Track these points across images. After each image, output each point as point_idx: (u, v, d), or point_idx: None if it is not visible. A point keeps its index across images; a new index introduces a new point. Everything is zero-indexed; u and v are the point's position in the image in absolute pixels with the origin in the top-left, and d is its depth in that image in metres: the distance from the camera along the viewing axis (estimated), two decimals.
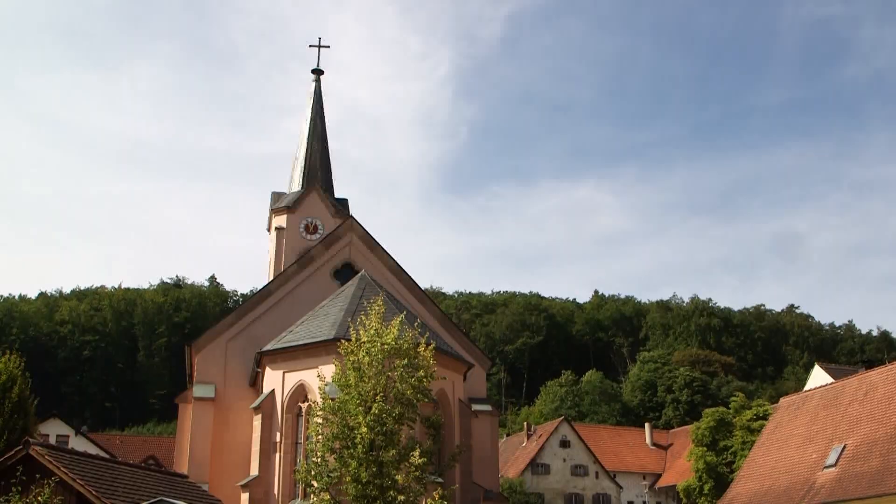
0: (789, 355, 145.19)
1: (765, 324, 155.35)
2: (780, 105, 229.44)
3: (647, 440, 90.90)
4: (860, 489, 29.50)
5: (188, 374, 38.68)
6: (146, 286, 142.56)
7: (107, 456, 37.94)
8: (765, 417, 47.95)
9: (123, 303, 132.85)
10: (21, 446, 16.53)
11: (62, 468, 15.91)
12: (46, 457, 16.17)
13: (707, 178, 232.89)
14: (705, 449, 55.58)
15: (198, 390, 35.81)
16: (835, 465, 31.99)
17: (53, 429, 57.79)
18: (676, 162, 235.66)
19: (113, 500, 15.85)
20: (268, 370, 32.49)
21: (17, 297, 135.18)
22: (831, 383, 42.16)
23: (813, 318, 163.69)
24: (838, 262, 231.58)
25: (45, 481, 14.54)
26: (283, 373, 31.67)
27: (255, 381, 34.68)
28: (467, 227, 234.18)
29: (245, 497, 30.45)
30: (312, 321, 32.71)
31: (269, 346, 32.80)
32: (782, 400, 43.12)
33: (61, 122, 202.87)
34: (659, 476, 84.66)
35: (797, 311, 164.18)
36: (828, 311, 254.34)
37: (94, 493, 15.74)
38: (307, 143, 51.23)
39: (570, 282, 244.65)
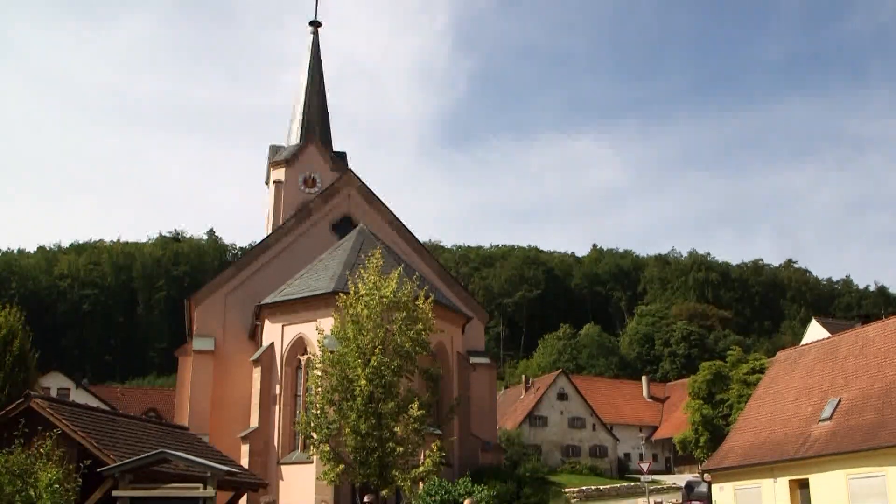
0: (786, 310, 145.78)
1: (762, 278, 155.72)
2: (781, 60, 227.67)
3: (644, 393, 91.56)
4: (854, 442, 29.75)
5: (187, 327, 38.83)
6: (145, 240, 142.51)
7: (107, 408, 38.18)
8: (761, 371, 48.24)
9: (122, 256, 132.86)
10: (22, 399, 16.60)
11: (63, 420, 15.99)
12: (48, 409, 16.25)
13: (707, 133, 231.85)
14: (702, 402, 55.99)
15: (197, 343, 35.98)
16: (830, 418, 32.23)
17: (54, 382, 58.17)
18: (676, 116, 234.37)
19: (114, 451, 15.95)
20: (267, 323, 32.58)
21: (15, 252, 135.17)
22: (828, 338, 42.32)
23: (811, 273, 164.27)
24: (837, 218, 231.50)
25: (47, 434, 14.61)
26: (283, 326, 31.78)
27: (255, 334, 34.82)
28: (466, 180, 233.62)
29: (245, 448, 30.71)
30: (311, 274, 32.75)
31: (267, 300, 32.87)
32: (779, 354, 43.33)
33: (56, 76, 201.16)
34: (655, 428, 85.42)
35: (795, 265, 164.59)
36: (825, 267, 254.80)
37: (95, 444, 15.83)
38: (305, 96, 50.91)
39: (568, 236, 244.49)
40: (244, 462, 28.73)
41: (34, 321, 36.82)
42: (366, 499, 14.04)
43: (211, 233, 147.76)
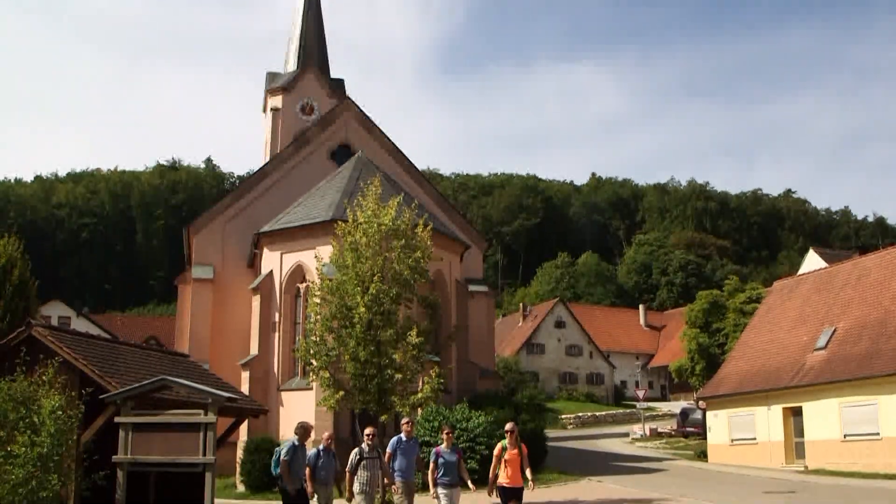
0: (784, 240, 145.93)
1: (761, 208, 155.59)
2: None
3: (641, 321, 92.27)
4: (848, 371, 30.05)
5: (186, 255, 38.85)
6: (142, 168, 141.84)
7: (108, 337, 38.42)
8: (758, 300, 48.41)
9: (120, 185, 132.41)
10: (23, 327, 16.64)
11: (65, 348, 16.04)
12: (49, 337, 16.30)
13: (708, 61, 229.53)
14: (698, 330, 56.29)
15: (196, 272, 36.04)
16: (824, 347, 32.49)
17: (55, 310, 58.53)
18: (677, 44, 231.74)
19: (115, 378, 16.06)
20: (265, 251, 32.60)
21: (12, 181, 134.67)
22: (825, 268, 42.45)
23: (809, 203, 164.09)
24: (837, 148, 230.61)
25: (49, 361, 14.70)
26: (281, 254, 31.80)
27: (253, 262, 34.87)
28: (464, 108, 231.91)
29: (245, 375, 30.97)
30: (309, 202, 32.66)
31: (266, 228, 32.83)
32: (776, 283, 43.50)
33: (50, 1, 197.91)
34: (651, 356, 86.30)
35: (794, 195, 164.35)
36: (824, 197, 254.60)
37: (96, 372, 15.93)
38: (302, 20, 50.16)
39: (567, 164, 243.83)
40: (244, 389, 29.01)
41: (33, 251, 36.79)
42: (367, 431, 14.16)
43: (209, 161, 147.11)
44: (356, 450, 14.40)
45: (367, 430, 14.30)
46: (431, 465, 13.76)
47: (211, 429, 14.82)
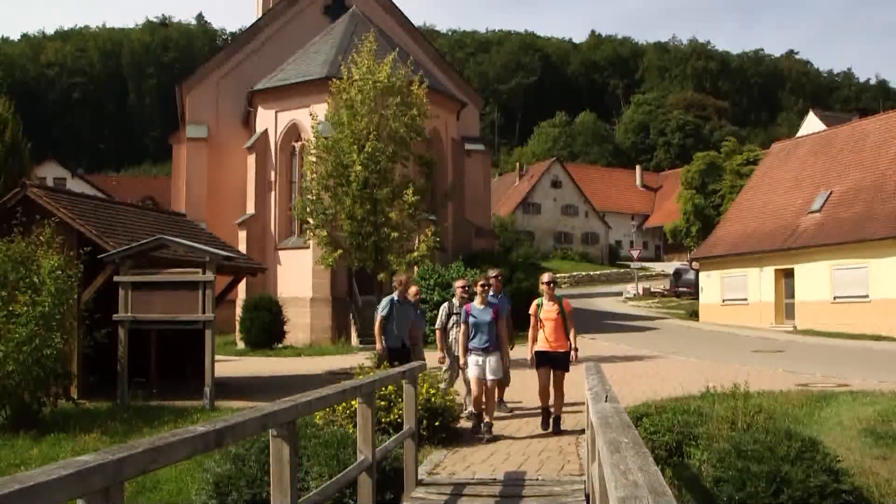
0: (784, 101, 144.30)
1: (762, 69, 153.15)
2: None
3: (638, 182, 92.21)
4: (841, 234, 30.25)
5: (180, 114, 38.43)
6: (132, 25, 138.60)
7: (104, 197, 38.40)
8: (755, 162, 48.30)
9: (109, 43, 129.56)
10: (19, 188, 16.52)
11: (61, 209, 15.96)
12: (45, 198, 16.19)
13: None
14: (694, 192, 56.43)
15: (190, 130, 35.70)
16: (819, 210, 32.60)
17: (49, 171, 58.23)
18: None
19: (113, 238, 16.07)
20: (260, 109, 32.26)
21: None
22: (824, 130, 42.16)
23: (811, 64, 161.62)
24: (842, 8, 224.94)
25: (45, 222, 14.64)
26: (276, 112, 31.49)
27: (248, 121, 34.54)
28: None
29: (243, 234, 31.15)
30: (303, 59, 32.12)
31: (260, 85, 32.38)
32: (774, 145, 43.29)
33: None
34: (647, 217, 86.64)
35: (796, 56, 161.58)
36: (827, 58, 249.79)
37: (94, 232, 15.91)
38: None
39: (566, 21, 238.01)
40: (242, 248, 29.18)
41: (24, 111, 36.28)
42: (459, 283, 13.21)
43: (200, 17, 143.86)
44: (446, 304, 13.02)
45: (459, 283, 12.94)
46: (463, 328, 11.42)
47: (209, 287, 14.95)
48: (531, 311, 11.48)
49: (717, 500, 7.93)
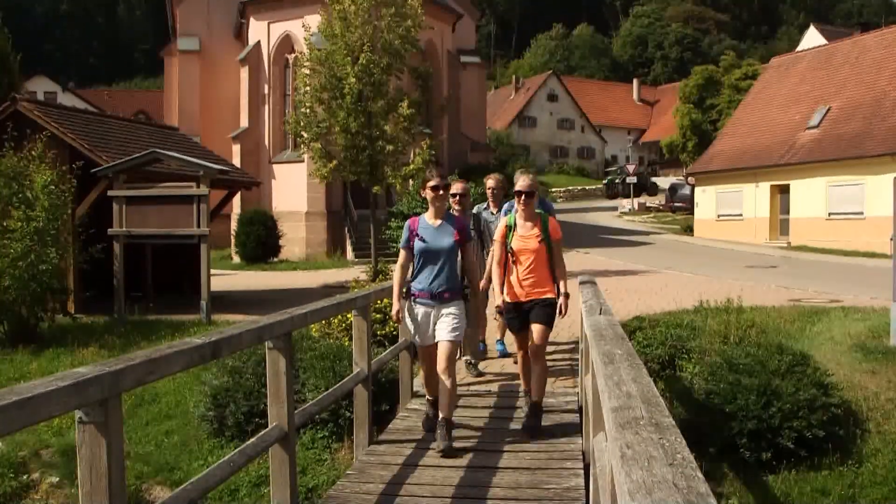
0: (785, 15, 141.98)
1: None
2: None
3: (634, 96, 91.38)
4: (838, 150, 30.12)
5: (171, 26, 37.78)
6: None
7: (96, 111, 37.97)
8: (754, 77, 47.79)
9: None
10: (9, 102, 16.33)
11: (53, 123, 15.80)
12: (35, 112, 16.02)
13: None
14: (691, 106, 55.94)
15: (182, 43, 35.16)
16: (817, 126, 32.40)
17: (40, 86, 57.52)
18: None
19: (106, 153, 15.96)
20: (252, 21, 31.71)
21: None
22: (824, 45, 41.63)
23: None
24: None
25: (37, 137, 14.51)
26: (268, 23, 30.98)
27: (240, 33, 34.00)
28: None
29: (236, 148, 30.96)
30: None
31: None
32: (773, 60, 42.79)
33: None
34: (643, 131, 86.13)
35: None
36: None
37: (86, 146, 15.79)
38: None
39: None
40: (236, 162, 29.06)
41: (11, 25, 35.53)
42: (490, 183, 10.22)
43: None
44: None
45: (491, 181, 10.07)
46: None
47: (204, 201, 14.92)
48: (497, 236, 7.51)
49: (708, 412, 8.08)
